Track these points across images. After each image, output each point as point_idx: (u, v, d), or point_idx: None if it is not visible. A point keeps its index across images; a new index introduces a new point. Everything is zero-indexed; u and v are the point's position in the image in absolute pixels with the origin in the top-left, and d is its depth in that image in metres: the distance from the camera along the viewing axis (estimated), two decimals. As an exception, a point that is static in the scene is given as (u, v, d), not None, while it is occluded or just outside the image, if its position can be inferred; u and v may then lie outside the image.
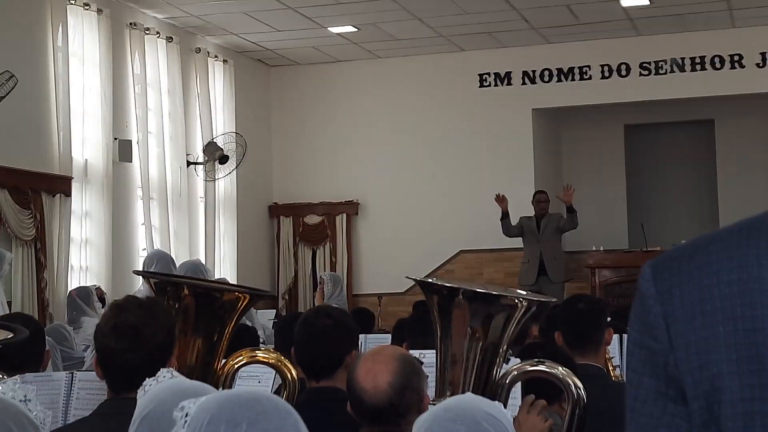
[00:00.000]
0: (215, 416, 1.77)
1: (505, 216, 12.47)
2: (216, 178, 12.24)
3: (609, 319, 4.75)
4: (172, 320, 3.22)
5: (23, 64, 9.48)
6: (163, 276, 5.01)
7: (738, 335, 1.16)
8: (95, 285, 8.91)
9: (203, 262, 9.92)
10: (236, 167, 12.40)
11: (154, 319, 3.10)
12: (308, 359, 4.06)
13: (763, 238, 1.19)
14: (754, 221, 1.22)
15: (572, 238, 12.70)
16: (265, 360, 3.64)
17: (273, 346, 5.92)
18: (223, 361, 3.57)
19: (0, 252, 7.68)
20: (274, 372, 4.46)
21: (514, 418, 3.16)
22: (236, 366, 3.57)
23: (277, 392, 4.00)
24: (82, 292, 8.13)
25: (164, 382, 2.30)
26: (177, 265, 8.34)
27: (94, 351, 3.45)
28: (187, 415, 1.80)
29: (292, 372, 3.54)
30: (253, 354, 3.67)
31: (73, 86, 10.03)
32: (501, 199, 12.44)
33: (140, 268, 9.49)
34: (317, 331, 4.10)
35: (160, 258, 8.43)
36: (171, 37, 11.70)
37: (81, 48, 10.20)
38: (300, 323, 4.26)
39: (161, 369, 2.46)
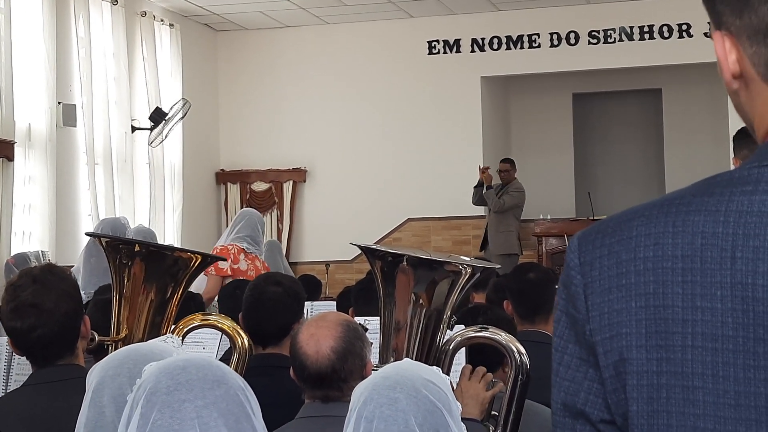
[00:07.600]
0: (144, 383, 1.79)
1: (480, 185, 12.47)
2: (162, 140, 12.07)
3: (557, 286, 4.76)
4: (72, 282, 3.17)
5: (-36, 26, 9.31)
6: (113, 238, 4.91)
7: (648, 311, 1.20)
8: (39, 250, 8.74)
9: (149, 227, 9.79)
10: (181, 118, 12.13)
11: (53, 289, 3.05)
12: (256, 326, 4.05)
13: (679, 216, 1.21)
14: (675, 197, 1.24)
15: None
16: (218, 325, 3.56)
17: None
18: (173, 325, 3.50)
19: None
20: (218, 339, 4.43)
21: (457, 385, 3.16)
22: (186, 329, 3.50)
23: (225, 358, 3.96)
24: (20, 259, 7.96)
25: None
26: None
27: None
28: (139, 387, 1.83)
29: (245, 340, 3.49)
30: (207, 318, 3.61)
31: (15, 49, 9.84)
32: (483, 171, 12.45)
33: (85, 234, 9.34)
34: (266, 299, 4.09)
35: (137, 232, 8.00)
36: (116, 0, 11.53)
37: (24, 10, 10.02)
38: (249, 290, 4.24)
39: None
